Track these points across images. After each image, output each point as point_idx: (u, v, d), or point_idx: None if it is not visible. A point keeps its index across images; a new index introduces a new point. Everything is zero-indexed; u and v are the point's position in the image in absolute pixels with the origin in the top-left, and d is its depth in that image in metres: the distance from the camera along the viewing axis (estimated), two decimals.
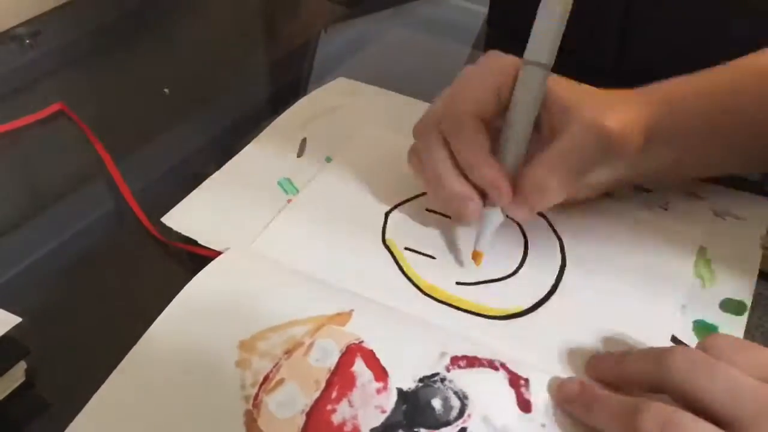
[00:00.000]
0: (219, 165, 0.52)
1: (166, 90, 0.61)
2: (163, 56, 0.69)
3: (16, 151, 0.56)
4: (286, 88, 0.64)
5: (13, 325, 0.38)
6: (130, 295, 0.45)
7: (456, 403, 0.36)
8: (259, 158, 0.52)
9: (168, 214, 0.47)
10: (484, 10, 0.71)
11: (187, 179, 0.53)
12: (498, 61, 0.43)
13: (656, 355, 0.34)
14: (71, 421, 0.36)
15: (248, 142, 0.54)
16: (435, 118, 0.43)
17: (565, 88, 0.42)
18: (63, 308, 0.44)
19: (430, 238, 0.46)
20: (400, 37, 0.72)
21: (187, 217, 0.47)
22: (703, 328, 0.41)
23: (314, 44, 0.71)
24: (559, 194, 0.41)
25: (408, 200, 0.49)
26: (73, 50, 0.67)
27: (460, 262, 0.45)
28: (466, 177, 0.42)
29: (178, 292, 0.42)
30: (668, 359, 0.33)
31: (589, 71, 0.61)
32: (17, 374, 0.39)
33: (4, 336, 0.38)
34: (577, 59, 0.61)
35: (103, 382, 0.39)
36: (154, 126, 0.58)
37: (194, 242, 0.46)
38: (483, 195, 0.43)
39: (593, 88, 0.43)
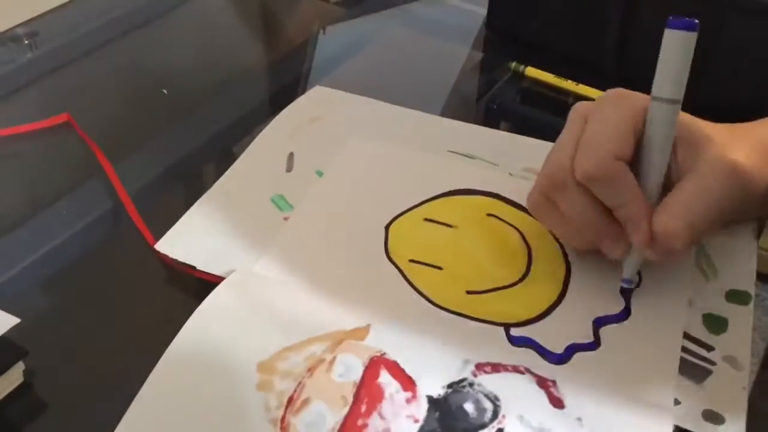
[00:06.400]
0: (218, 166, 0.52)
1: (164, 91, 0.61)
2: (162, 57, 0.69)
3: (15, 152, 0.56)
4: (285, 88, 0.64)
5: (11, 325, 0.38)
6: (128, 297, 0.45)
7: (488, 405, 0.36)
8: (248, 176, 0.51)
9: (162, 240, 0.46)
10: (482, 11, 0.71)
11: (185, 180, 0.54)
12: (628, 100, 0.42)
13: None
14: (69, 423, 0.36)
15: (247, 143, 0.54)
16: (565, 170, 0.41)
17: (690, 123, 0.41)
18: (61, 309, 0.44)
19: (433, 248, 0.45)
20: (399, 38, 0.72)
21: (182, 243, 0.46)
22: (713, 321, 0.41)
23: (313, 45, 0.71)
24: (690, 241, 0.40)
25: (405, 212, 0.48)
26: (71, 51, 0.67)
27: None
28: (609, 216, 0.41)
29: (176, 292, 0.42)
30: None
31: (589, 71, 0.62)
32: (15, 375, 0.38)
33: (3, 337, 0.38)
34: (578, 59, 0.61)
35: (101, 383, 0.39)
36: (153, 127, 0.58)
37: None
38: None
39: (715, 124, 0.42)
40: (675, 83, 0.39)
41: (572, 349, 0.40)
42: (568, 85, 0.60)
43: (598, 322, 0.41)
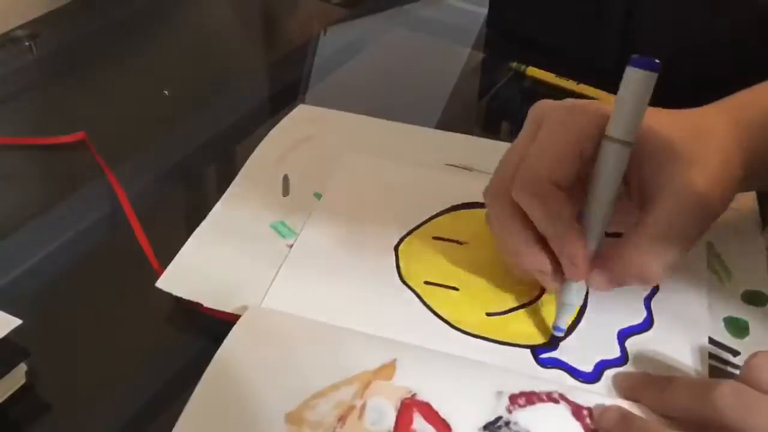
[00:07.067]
0: (218, 166, 0.52)
1: (165, 92, 0.61)
2: (163, 58, 0.69)
3: (19, 155, 0.56)
4: (286, 89, 0.64)
5: (13, 327, 0.38)
6: (129, 297, 0.45)
7: None
8: (243, 203, 0.49)
9: (162, 277, 0.43)
10: (483, 11, 0.71)
11: (187, 180, 0.53)
12: (580, 117, 0.39)
13: (701, 389, 0.34)
14: (71, 424, 0.35)
15: (248, 144, 0.53)
16: (505, 182, 0.39)
17: (652, 131, 0.38)
18: (63, 310, 0.44)
19: (447, 268, 0.44)
20: (400, 39, 0.72)
21: (184, 279, 0.43)
22: (734, 324, 0.41)
23: (313, 46, 0.71)
24: (661, 276, 0.38)
25: (412, 231, 0.46)
26: (72, 52, 0.67)
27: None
28: (545, 245, 0.39)
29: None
30: (715, 396, 0.33)
31: (590, 70, 0.62)
32: (18, 376, 0.38)
33: (5, 338, 0.38)
34: (579, 58, 0.61)
35: (103, 384, 0.39)
36: (154, 127, 0.58)
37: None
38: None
39: (675, 119, 0.40)
40: (629, 125, 0.37)
41: (601, 366, 0.39)
42: (569, 84, 0.61)
43: (622, 335, 0.40)
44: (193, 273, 0.44)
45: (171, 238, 0.46)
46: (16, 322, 0.38)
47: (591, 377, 0.39)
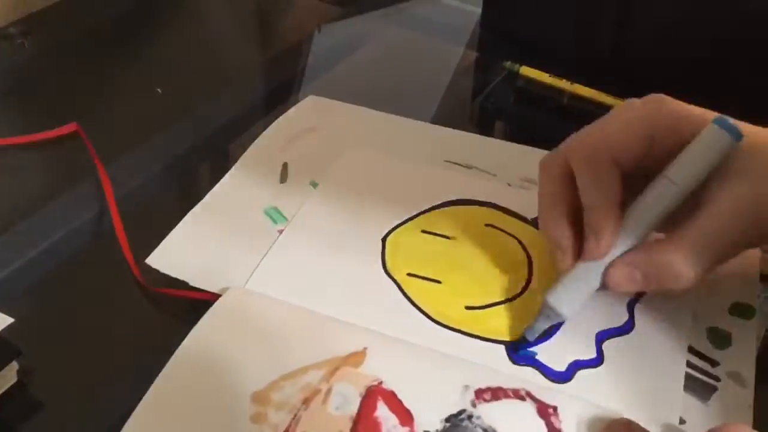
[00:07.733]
0: (212, 166, 0.52)
1: (158, 90, 0.61)
2: (156, 56, 0.68)
3: (12, 153, 0.55)
4: (280, 88, 0.64)
5: (5, 325, 0.38)
6: (122, 296, 0.45)
7: None
8: (240, 187, 0.50)
9: (152, 255, 0.44)
10: (477, 10, 0.71)
11: (180, 180, 0.53)
12: (662, 109, 0.37)
13: None
14: (63, 422, 0.35)
15: (242, 143, 0.53)
16: (566, 147, 0.38)
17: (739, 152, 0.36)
18: (55, 309, 0.44)
19: (432, 261, 0.44)
20: (394, 37, 0.72)
21: (173, 258, 0.44)
22: (716, 335, 0.41)
23: (308, 44, 0.71)
24: (693, 282, 0.36)
25: (402, 223, 0.47)
26: (65, 50, 0.67)
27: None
28: (575, 222, 0.38)
29: (169, 291, 0.42)
30: None
31: (584, 70, 0.62)
32: (9, 375, 0.38)
33: None
34: (573, 58, 0.61)
35: (95, 382, 0.39)
36: (147, 126, 0.58)
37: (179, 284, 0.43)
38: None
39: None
40: (691, 178, 0.36)
41: (575, 367, 0.39)
42: (563, 84, 0.61)
43: (601, 336, 0.40)
44: (183, 253, 0.45)
45: (163, 236, 0.46)
46: (8, 320, 0.38)
47: (563, 377, 0.38)
